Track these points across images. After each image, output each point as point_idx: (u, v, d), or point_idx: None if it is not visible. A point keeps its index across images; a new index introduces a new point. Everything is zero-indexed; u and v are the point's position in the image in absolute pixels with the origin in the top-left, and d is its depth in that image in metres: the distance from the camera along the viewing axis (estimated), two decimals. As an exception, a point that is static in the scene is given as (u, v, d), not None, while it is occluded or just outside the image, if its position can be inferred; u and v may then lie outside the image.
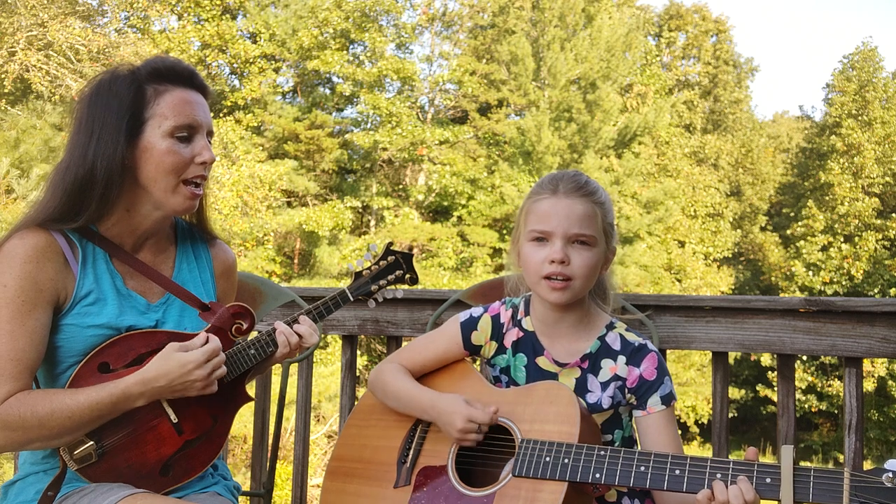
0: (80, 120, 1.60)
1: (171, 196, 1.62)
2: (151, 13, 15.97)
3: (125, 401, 1.52)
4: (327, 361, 13.83)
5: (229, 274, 1.88)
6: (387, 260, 1.92)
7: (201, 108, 1.65)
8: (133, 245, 1.68)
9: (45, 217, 1.57)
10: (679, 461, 1.43)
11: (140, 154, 1.58)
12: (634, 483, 1.45)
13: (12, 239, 1.55)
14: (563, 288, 1.67)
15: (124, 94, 1.58)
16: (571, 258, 1.66)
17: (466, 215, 19.81)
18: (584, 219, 1.67)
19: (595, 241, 1.69)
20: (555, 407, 1.61)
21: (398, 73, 19.65)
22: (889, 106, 22.75)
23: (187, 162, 1.61)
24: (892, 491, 1.25)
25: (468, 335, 1.84)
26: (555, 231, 1.67)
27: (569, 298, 1.68)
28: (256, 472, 2.66)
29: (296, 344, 1.73)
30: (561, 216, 1.67)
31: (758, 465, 1.37)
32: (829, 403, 20.21)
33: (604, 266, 1.76)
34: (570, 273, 1.66)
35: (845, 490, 1.28)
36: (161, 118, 1.58)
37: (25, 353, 1.50)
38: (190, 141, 1.62)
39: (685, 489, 1.41)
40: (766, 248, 24.37)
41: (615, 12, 22.53)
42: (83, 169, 1.56)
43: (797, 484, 1.32)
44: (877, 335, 2.17)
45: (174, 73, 1.63)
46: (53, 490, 1.56)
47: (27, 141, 11.77)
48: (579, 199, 1.69)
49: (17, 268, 1.52)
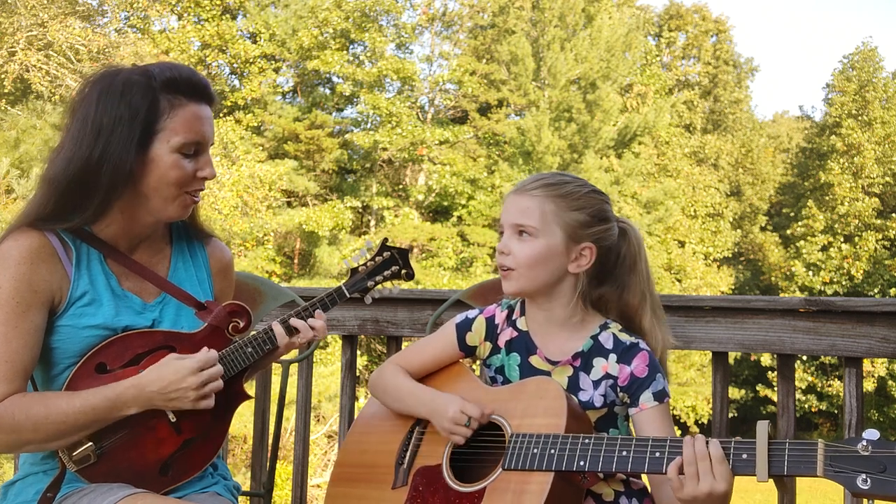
0: (86, 117, 1.57)
1: (170, 205, 1.62)
2: (151, 13, 15.99)
3: (119, 405, 1.51)
4: (327, 361, 13.83)
5: (226, 272, 1.87)
6: (383, 256, 1.92)
7: (209, 124, 1.65)
8: (128, 246, 1.68)
9: (39, 216, 1.57)
10: (659, 443, 1.45)
11: (146, 164, 1.57)
12: (617, 468, 1.47)
13: (6, 241, 1.55)
14: (506, 277, 1.73)
15: (139, 103, 1.55)
16: (512, 248, 1.72)
17: (466, 215, 19.82)
18: (528, 210, 1.71)
19: (536, 231, 1.70)
20: (543, 401, 1.63)
21: (398, 73, 19.66)
22: (889, 106, 22.76)
23: (190, 177, 1.62)
24: (867, 459, 1.24)
25: (463, 336, 1.86)
26: (504, 223, 1.75)
27: (515, 289, 1.73)
28: (256, 472, 2.66)
29: (309, 337, 1.75)
30: (510, 209, 1.74)
31: (735, 442, 1.38)
32: (829, 403, 20.23)
33: (574, 262, 1.72)
34: (509, 263, 1.72)
35: (819, 460, 1.28)
36: (172, 132, 1.57)
37: (19, 355, 1.50)
38: (195, 157, 1.62)
39: (665, 470, 1.42)
40: (766, 248, 24.38)
41: (615, 12, 22.54)
42: (87, 169, 1.54)
43: (773, 457, 1.32)
44: (877, 335, 2.17)
45: (190, 85, 1.61)
46: (53, 491, 1.55)
47: (27, 141, 11.78)
48: (529, 193, 1.73)
49: (11, 269, 1.51)
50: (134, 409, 1.53)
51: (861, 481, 1.23)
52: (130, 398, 1.52)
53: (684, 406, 19.50)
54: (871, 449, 1.25)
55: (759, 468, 1.33)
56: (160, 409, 1.55)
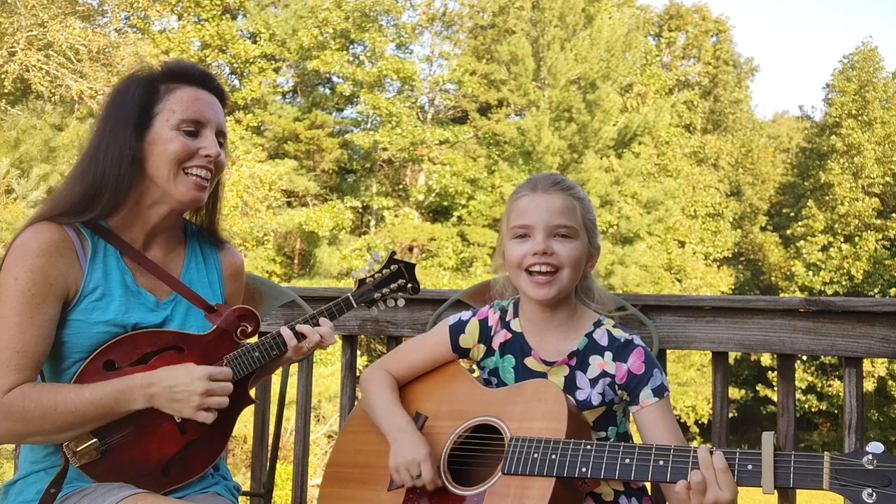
0: (98, 119, 1.68)
1: (174, 184, 1.64)
2: (151, 13, 15.96)
3: (127, 398, 1.53)
4: (327, 361, 13.82)
5: (237, 276, 1.90)
6: (390, 269, 1.94)
7: (211, 107, 1.68)
8: (143, 243, 1.70)
9: (60, 209, 1.60)
10: (662, 451, 1.45)
11: (148, 146, 1.63)
12: (620, 475, 1.46)
13: (26, 232, 1.57)
14: (549, 282, 1.68)
15: (138, 92, 1.64)
16: (555, 249, 1.68)
17: (466, 215, 19.81)
18: (564, 211, 1.70)
19: (576, 233, 1.70)
20: (543, 404, 1.63)
21: (398, 73, 19.65)
22: (889, 106, 22.74)
23: (191, 152, 1.64)
24: (873, 473, 1.25)
25: (456, 338, 1.86)
26: (535, 224, 1.69)
27: (555, 293, 1.69)
28: (256, 473, 2.66)
29: (316, 343, 1.76)
30: (541, 210, 1.70)
31: (739, 452, 1.38)
32: (829, 403, 20.21)
33: (588, 263, 1.77)
34: (556, 263, 1.68)
35: (825, 473, 1.28)
36: (169, 112, 1.63)
37: (32, 345, 1.51)
38: (197, 136, 1.66)
39: (668, 479, 1.41)
40: (766, 248, 24.36)
41: (615, 12, 22.51)
42: (95, 160, 1.61)
43: (778, 469, 1.32)
44: (877, 335, 2.17)
45: (187, 73, 1.68)
46: (55, 487, 1.56)
47: (27, 141, 11.77)
48: (557, 193, 1.72)
49: (29, 261, 1.53)
50: (139, 404, 1.54)
51: (867, 495, 1.24)
52: (138, 392, 1.53)
53: (684, 406, 19.49)
54: (876, 463, 1.25)
55: (765, 480, 1.32)
56: (161, 409, 1.56)
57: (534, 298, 1.71)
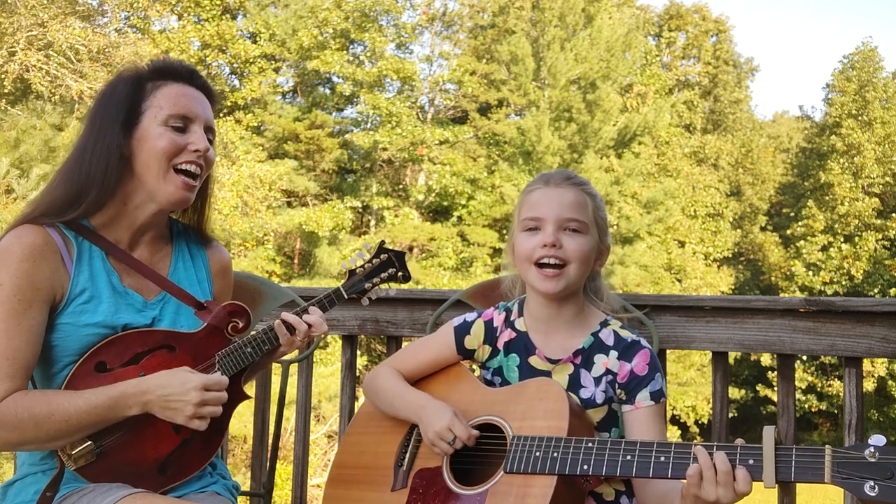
0: (85, 120, 1.67)
1: (163, 183, 1.62)
2: (151, 13, 15.96)
3: (122, 405, 1.51)
4: (327, 361, 13.83)
5: (225, 273, 1.89)
6: (380, 258, 1.94)
7: (198, 103, 1.68)
8: (129, 242, 1.68)
9: (42, 210, 1.58)
10: (664, 448, 1.44)
11: (136, 143, 1.62)
12: (621, 472, 1.46)
13: (8, 236, 1.55)
14: (556, 276, 1.67)
15: (125, 91, 1.64)
16: (564, 243, 1.68)
17: (466, 215, 19.81)
18: (575, 205, 1.70)
19: (587, 228, 1.70)
20: (544, 403, 1.62)
21: (398, 73, 19.65)
22: (889, 106, 22.75)
23: (179, 147, 1.63)
24: (875, 465, 1.24)
25: (461, 339, 1.86)
26: (546, 217, 1.69)
27: (562, 288, 1.68)
28: (256, 472, 2.66)
29: (305, 332, 1.74)
30: (553, 203, 1.70)
31: (741, 447, 1.37)
32: (829, 403, 20.21)
33: (598, 260, 1.76)
34: (563, 257, 1.67)
35: (827, 467, 1.27)
36: (157, 108, 1.63)
37: (21, 352, 1.49)
38: (185, 132, 1.65)
39: (670, 475, 1.41)
40: (766, 248, 24.37)
41: (615, 12, 22.51)
42: (83, 161, 1.60)
43: (779, 463, 1.32)
44: (877, 335, 2.17)
45: (173, 70, 1.68)
46: (52, 490, 1.55)
47: (27, 141, 11.77)
48: (569, 187, 1.72)
49: (14, 266, 1.51)
50: (135, 411, 1.53)
51: (869, 488, 1.23)
52: (133, 399, 1.52)
53: (684, 406, 19.50)
54: (878, 455, 1.25)
55: (766, 474, 1.32)
56: (156, 414, 1.55)
57: (541, 292, 1.70)
